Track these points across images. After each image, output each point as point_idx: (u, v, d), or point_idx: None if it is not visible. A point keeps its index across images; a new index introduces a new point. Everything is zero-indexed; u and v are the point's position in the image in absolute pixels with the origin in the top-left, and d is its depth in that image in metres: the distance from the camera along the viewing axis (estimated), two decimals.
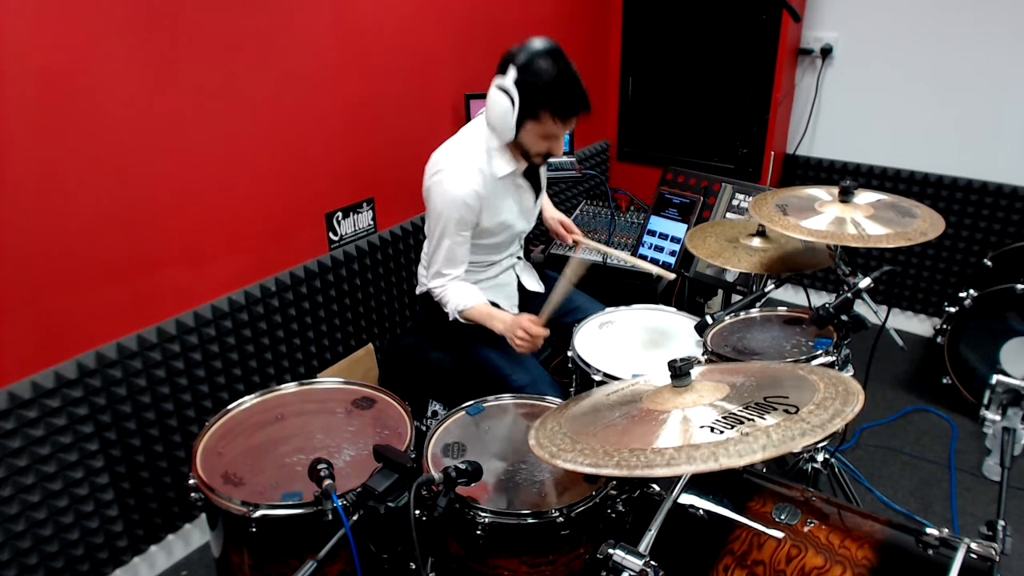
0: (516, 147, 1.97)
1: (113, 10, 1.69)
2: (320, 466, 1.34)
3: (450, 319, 2.04)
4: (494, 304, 2.15)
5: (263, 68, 2.04)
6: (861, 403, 1.05)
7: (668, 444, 1.03)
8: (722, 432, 1.02)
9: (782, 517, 1.31)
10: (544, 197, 2.37)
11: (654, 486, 1.46)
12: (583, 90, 1.85)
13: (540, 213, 2.31)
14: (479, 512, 1.40)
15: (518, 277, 2.30)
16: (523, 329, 1.85)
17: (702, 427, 1.06)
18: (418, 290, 2.25)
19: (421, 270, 2.25)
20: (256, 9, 1.98)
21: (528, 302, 2.28)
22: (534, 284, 2.32)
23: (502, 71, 1.85)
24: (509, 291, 2.26)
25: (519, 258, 2.31)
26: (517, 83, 1.80)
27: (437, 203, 1.94)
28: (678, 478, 1.28)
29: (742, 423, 1.04)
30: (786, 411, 1.06)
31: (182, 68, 1.85)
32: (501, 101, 1.82)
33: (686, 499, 1.39)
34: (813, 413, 1.04)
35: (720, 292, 2.92)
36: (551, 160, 2.99)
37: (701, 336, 1.94)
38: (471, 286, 2.06)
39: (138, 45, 1.75)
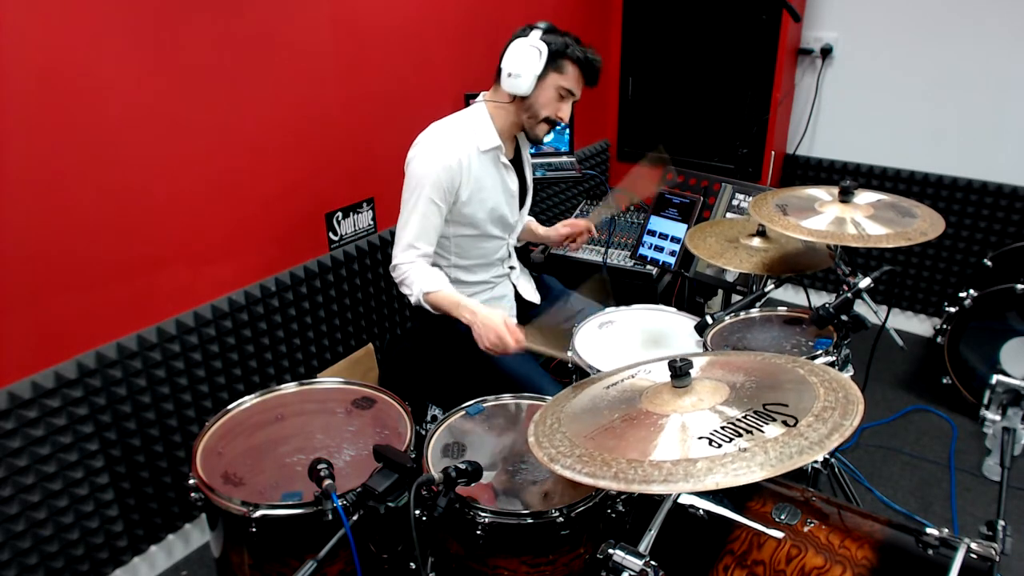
0: (520, 114, 1.99)
1: (114, 11, 1.69)
2: (320, 466, 1.34)
3: (412, 302, 1.96)
4: None
5: (263, 68, 2.04)
6: (860, 415, 1.05)
7: (666, 456, 1.03)
8: (720, 446, 1.02)
9: (782, 517, 1.31)
10: (542, 228, 2.37)
11: None
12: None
13: (547, 235, 2.33)
14: (479, 512, 1.40)
15: (515, 287, 2.27)
16: (496, 333, 1.75)
17: (700, 438, 1.05)
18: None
19: None
20: (256, 9, 1.99)
21: (525, 312, 2.26)
22: (532, 294, 2.30)
23: (522, 35, 1.93)
24: (505, 303, 2.22)
25: (512, 267, 2.27)
26: (543, 39, 1.90)
27: (417, 169, 1.93)
28: None
29: (740, 435, 1.04)
30: (785, 423, 1.05)
31: (182, 68, 1.85)
32: (528, 52, 1.90)
33: (686, 499, 1.39)
34: (812, 426, 1.03)
35: (720, 292, 2.92)
36: (551, 161, 3.02)
37: (701, 336, 1.94)
38: (437, 270, 1.99)
39: (138, 45, 1.75)
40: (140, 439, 1.97)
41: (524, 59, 1.89)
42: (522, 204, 2.20)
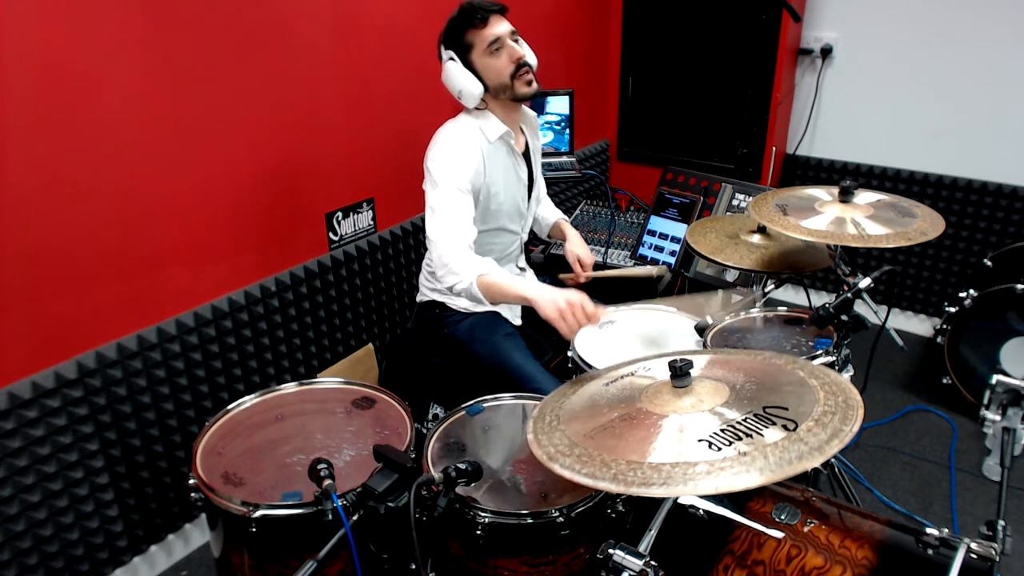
0: (495, 98, 2.02)
1: (113, 10, 1.69)
2: (320, 466, 1.34)
3: (458, 291, 1.84)
4: (495, 314, 2.15)
5: (263, 67, 2.04)
6: (860, 420, 1.05)
7: (665, 459, 1.03)
8: (719, 449, 1.02)
9: (782, 517, 1.31)
10: (574, 233, 2.35)
11: None
12: None
13: (566, 237, 2.34)
14: (479, 512, 1.40)
15: None
16: (580, 305, 1.59)
17: (700, 440, 1.05)
18: (419, 298, 2.24)
19: (423, 279, 2.24)
20: (256, 9, 1.99)
21: (529, 314, 2.27)
22: None
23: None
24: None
25: (521, 268, 2.31)
26: (443, 43, 2.00)
27: (440, 165, 1.94)
28: None
29: (740, 439, 1.04)
30: (785, 427, 1.05)
31: (182, 67, 1.85)
32: (448, 70, 1.99)
33: (686, 499, 1.39)
34: (811, 431, 1.03)
35: (720, 292, 2.92)
36: (551, 161, 3.02)
37: (701, 336, 1.94)
38: (482, 257, 1.92)
39: (138, 44, 1.75)
40: (140, 439, 1.97)
41: (451, 78, 1.99)
42: (530, 193, 2.24)
